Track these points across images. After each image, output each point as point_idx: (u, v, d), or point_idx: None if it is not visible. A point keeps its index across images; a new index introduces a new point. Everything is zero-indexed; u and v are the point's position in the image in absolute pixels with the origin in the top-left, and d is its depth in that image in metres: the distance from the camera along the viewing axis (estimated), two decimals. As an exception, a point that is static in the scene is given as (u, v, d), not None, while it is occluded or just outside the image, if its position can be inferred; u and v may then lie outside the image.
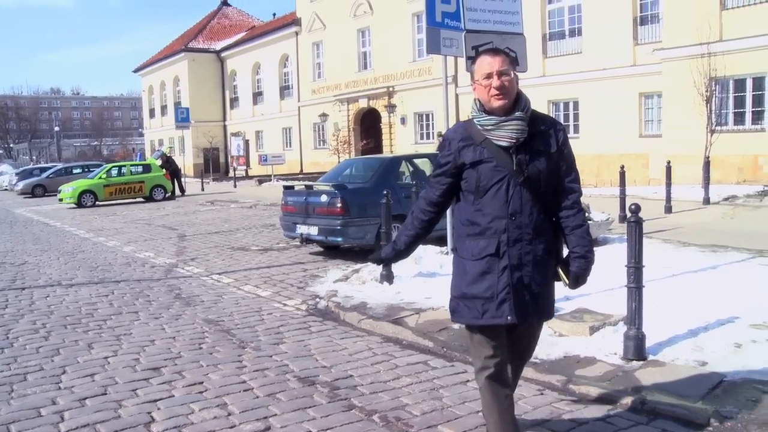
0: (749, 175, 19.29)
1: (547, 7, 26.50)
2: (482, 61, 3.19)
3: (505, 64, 3.14)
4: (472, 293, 3.19)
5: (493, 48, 3.27)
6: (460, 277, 3.27)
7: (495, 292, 3.15)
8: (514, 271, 3.15)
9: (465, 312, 3.24)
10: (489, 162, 3.15)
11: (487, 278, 3.16)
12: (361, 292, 7.76)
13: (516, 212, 3.14)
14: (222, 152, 50.42)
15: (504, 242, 3.14)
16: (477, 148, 3.18)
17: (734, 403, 4.12)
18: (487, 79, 3.13)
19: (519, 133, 3.13)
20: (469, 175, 3.20)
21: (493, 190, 3.15)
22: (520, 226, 3.14)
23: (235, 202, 24.06)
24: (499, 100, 3.12)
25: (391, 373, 5.19)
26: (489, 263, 3.16)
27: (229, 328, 6.70)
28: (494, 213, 3.15)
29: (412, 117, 33.35)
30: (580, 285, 3.31)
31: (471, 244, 3.21)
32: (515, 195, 3.13)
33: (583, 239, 3.24)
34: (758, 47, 18.79)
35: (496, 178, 3.14)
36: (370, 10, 35.46)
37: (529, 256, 3.17)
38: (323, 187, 10.91)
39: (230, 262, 10.95)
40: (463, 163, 3.20)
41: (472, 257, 3.20)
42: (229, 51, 49.72)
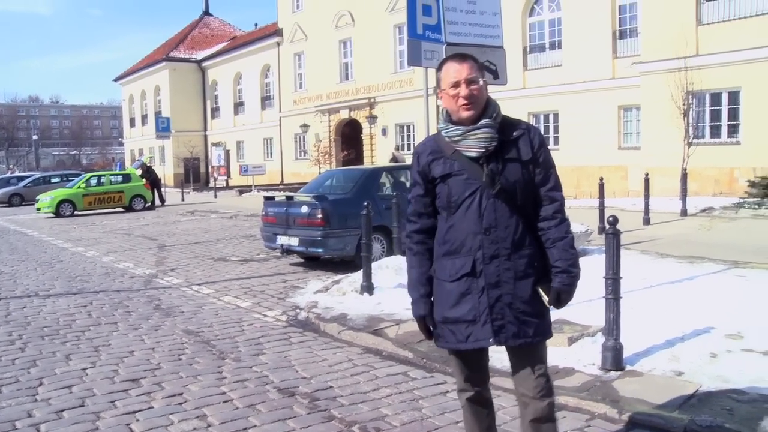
0: (725, 188, 19.54)
1: (528, 20, 26.75)
2: (448, 68, 2.97)
3: (474, 71, 2.93)
4: (454, 317, 2.96)
5: (459, 54, 3.05)
6: (440, 300, 3.02)
7: (477, 314, 2.92)
8: (492, 290, 2.91)
9: (449, 337, 3.01)
10: (459, 175, 2.94)
11: (468, 300, 2.93)
12: (341, 303, 7.76)
13: (491, 226, 2.91)
14: (203, 162, 50.26)
15: (480, 260, 2.92)
16: (447, 161, 2.97)
17: (709, 413, 4.16)
18: (454, 88, 2.92)
19: (487, 141, 2.91)
20: (440, 189, 2.99)
21: (465, 204, 2.93)
22: (496, 241, 2.91)
23: (216, 212, 23.98)
24: (468, 110, 2.92)
25: (371, 384, 5.20)
26: (468, 283, 2.93)
27: (209, 339, 6.68)
28: (468, 229, 2.93)
29: (393, 128, 33.45)
30: (563, 303, 3.01)
31: (447, 264, 2.98)
32: (489, 208, 2.91)
33: (566, 252, 2.97)
34: (733, 62, 19.11)
35: (468, 191, 2.92)
36: (352, 21, 35.59)
37: (509, 273, 2.92)
38: (304, 198, 10.92)
39: (210, 272, 10.91)
40: (434, 177, 3.00)
41: (450, 278, 2.97)
42: (211, 61, 49.67)
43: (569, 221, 3.04)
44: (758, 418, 4.07)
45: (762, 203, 16.75)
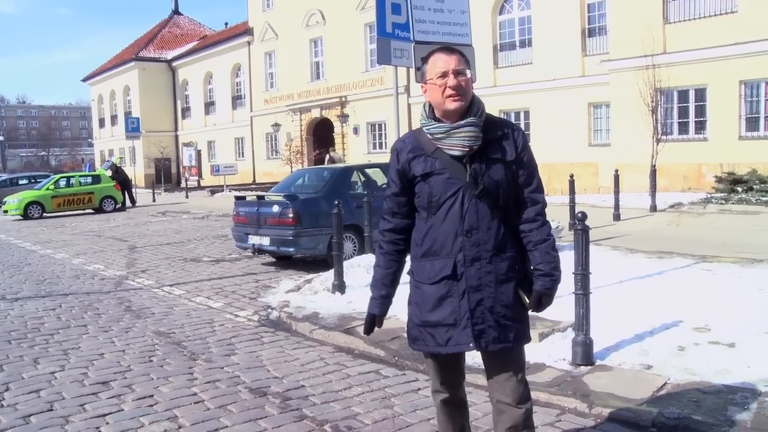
0: (693, 183, 19.82)
1: (498, 18, 26.88)
2: (436, 59, 2.87)
3: (462, 63, 2.83)
4: (434, 320, 2.88)
5: (447, 47, 2.97)
6: (419, 302, 2.93)
7: (458, 318, 2.84)
8: (473, 294, 2.83)
9: (428, 340, 2.92)
10: (441, 174, 2.84)
11: (448, 303, 2.85)
12: (313, 302, 7.75)
13: (472, 228, 2.82)
14: (174, 162, 49.85)
15: (461, 262, 2.83)
16: (428, 159, 2.86)
17: (677, 405, 4.23)
18: (441, 78, 2.81)
19: (472, 140, 2.81)
20: (420, 189, 2.89)
21: (446, 204, 2.83)
22: (478, 243, 2.83)
23: (187, 212, 23.80)
24: (455, 101, 2.81)
25: (343, 382, 5.20)
26: (447, 286, 2.85)
27: (180, 340, 6.64)
28: (449, 230, 2.84)
29: (364, 127, 33.44)
30: (544, 307, 2.96)
31: (426, 266, 2.90)
32: (471, 209, 2.82)
33: (548, 255, 2.89)
34: (699, 60, 19.40)
35: (450, 191, 2.83)
36: (322, 20, 35.50)
37: (491, 276, 2.84)
38: (275, 198, 10.89)
39: (182, 273, 10.84)
40: (414, 175, 2.89)
41: (429, 280, 2.88)
42: (181, 60, 49.25)
43: (550, 224, 2.99)
44: (723, 409, 4.14)
45: (728, 198, 17.03)
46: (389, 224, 3.03)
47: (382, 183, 11.78)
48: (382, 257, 3.05)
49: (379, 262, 3.07)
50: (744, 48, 18.66)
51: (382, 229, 3.06)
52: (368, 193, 9.85)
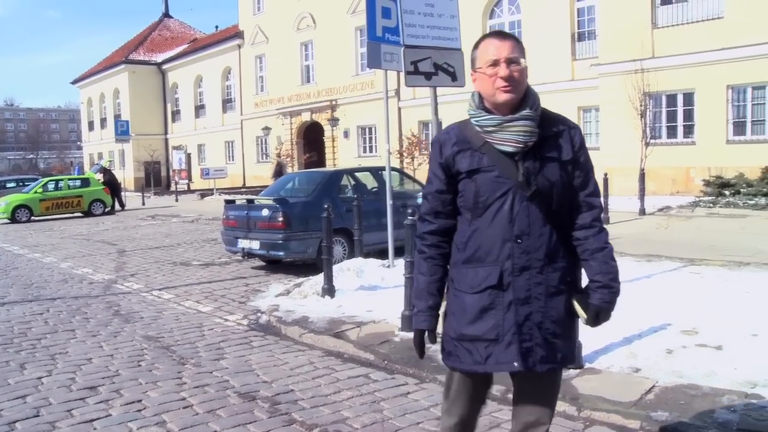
0: (682, 187, 19.94)
1: (488, 22, 26.99)
2: (487, 45, 2.59)
3: (515, 51, 2.56)
4: (473, 334, 2.58)
5: (500, 31, 2.68)
6: (457, 313, 2.64)
7: (501, 333, 2.55)
8: (521, 306, 2.55)
9: (465, 357, 2.62)
10: (489, 171, 2.55)
11: (491, 315, 2.56)
12: (302, 306, 7.74)
13: (523, 233, 2.54)
14: (163, 166, 49.76)
15: (508, 271, 2.55)
16: (475, 153, 2.58)
17: (665, 408, 4.24)
18: (492, 66, 2.54)
19: (527, 136, 2.54)
20: (465, 187, 2.60)
21: (494, 206, 2.55)
22: (528, 251, 2.55)
23: (177, 216, 23.72)
24: (506, 93, 2.53)
25: (332, 386, 5.19)
26: (491, 297, 2.56)
27: (169, 345, 6.61)
28: (496, 235, 2.55)
29: (355, 130, 33.47)
30: (602, 321, 2.67)
31: (469, 273, 2.60)
32: (521, 212, 2.54)
33: (606, 265, 2.63)
34: (687, 64, 19.57)
35: (499, 191, 2.54)
36: (313, 23, 35.54)
37: (540, 288, 2.56)
38: (265, 201, 10.87)
39: (171, 277, 10.80)
40: (458, 171, 2.60)
41: (471, 289, 2.59)
42: (171, 63, 49.23)
43: (607, 231, 2.71)
44: (711, 411, 4.16)
45: (716, 202, 17.13)
46: (432, 226, 2.71)
47: (372, 187, 11.80)
48: (425, 263, 2.72)
49: (422, 269, 2.73)
50: (731, 53, 18.85)
51: (422, 232, 2.74)
52: (358, 197, 9.86)
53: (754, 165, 18.16)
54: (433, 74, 6.21)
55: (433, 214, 2.71)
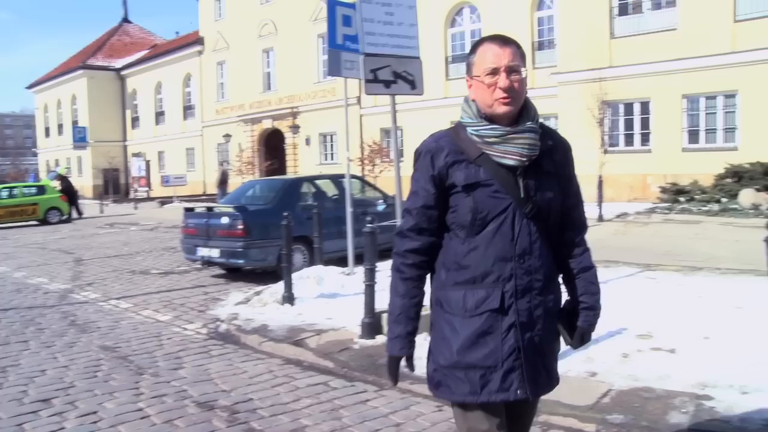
0: (639, 194, 20.31)
1: (450, 31, 27.24)
2: (485, 51, 2.39)
3: (516, 59, 2.37)
4: (467, 361, 2.37)
5: (500, 36, 2.45)
6: (448, 339, 2.42)
7: (499, 359, 2.36)
8: (525, 331, 2.37)
9: (458, 386, 2.41)
10: (487, 185, 2.35)
11: (488, 341, 2.36)
12: (262, 314, 7.71)
13: (525, 253, 2.37)
14: (122, 173, 49.08)
15: (510, 293, 2.36)
16: (470, 166, 2.37)
17: (620, 411, 4.32)
18: (491, 75, 2.35)
19: (531, 149, 2.37)
20: (459, 202, 2.38)
21: (494, 223, 2.35)
22: (530, 272, 2.38)
23: (136, 224, 23.44)
24: (506, 105, 2.35)
25: (291, 395, 5.18)
26: (490, 321, 2.36)
27: (127, 355, 6.53)
28: (496, 254, 2.35)
29: (316, 138, 33.44)
30: (585, 343, 2.60)
31: (467, 296, 2.38)
32: (523, 230, 2.37)
33: (593, 285, 2.56)
34: (644, 74, 20.00)
35: (499, 207, 2.35)
36: (274, 30, 35.44)
37: (540, 311, 2.41)
38: (224, 209, 10.81)
39: (129, 286, 10.67)
40: (453, 185, 2.38)
41: (466, 313, 2.37)
42: (130, 69, 48.67)
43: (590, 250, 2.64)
44: (664, 413, 4.26)
45: (672, 208, 17.48)
46: (414, 243, 2.46)
47: (333, 194, 11.80)
48: (403, 284, 2.48)
49: (399, 290, 2.49)
50: (684, 63, 19.35)
51: (403, 250, 2.48)
52: (318, 205, 9.86)
53: (707, 172, 18.59)
54: (393, 82, 6.25)
55: (416, 231, 2.46)
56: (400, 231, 2.51)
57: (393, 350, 2.49)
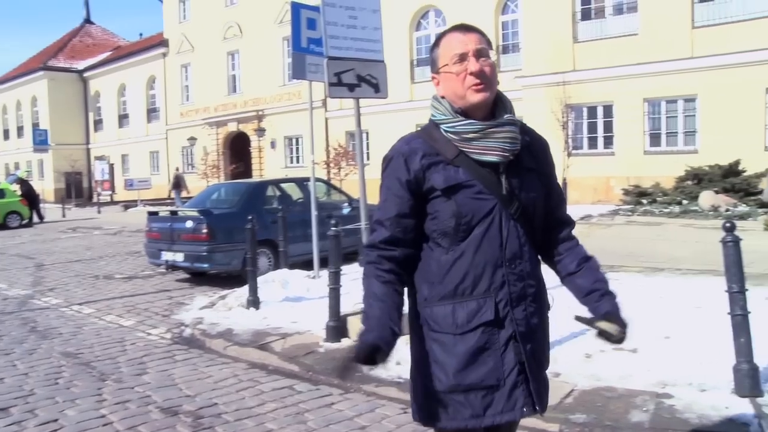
0: (603, 196, 20.58)
1: (415, 34, 27.35)
2: (450, 39, 2.24)
3: (482, 43, 2.22)
4: (467, 383, 2.13)
5: (463, 24, 2.31)
6: (441, 361, 2.16)
7: (502, 376, 2.13)
8: (525, 342, 2.17)
9: (458, 411, 2.17)
10: (469, 186, 2.14)
11: (487, 358, 2.13)
12: (227, 318, 7.67)
13: (515, 257, 2.18)
14: (85, 177, 48.36)
15: (504, 302, 2.15)
16: (448, 167, 2.16)
17: (583, 410, 4.39)
18: (459, 63, 2.17)
19: (512, 144, 2.19)
20: (440, 207, 2.15)
21: (481, 227, 2.14)
22: (523, 277, 2.19)
23: (99, 228, 23.14)
24: (479, 92, 2.16)
25: (256, 399, 5.16)
26: (486, 335, 2.13)
27: (89, 361, 6.44)
28: (485, 261, 2.14)
29: (282, 141, 33.32)
30: (627, 326, 2.34)
31: (457, 310, 2.15)
32: (511, 232, 2.17)
33: (600, 272, 2.39)
34: (606, 78, 20.31)
35: (484, 209, 2.14)
36: (240, 33, 35.25)
37: (536, 318, 2.23)
38: (188, 213, 10.74)
39: (92, 291, 10.53)
40: (432, 189, 2.16)
41: (457, 329, 2.14)
42: (93, 71, 47.98)
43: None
44: (625, 412, 4.33)
45: (635, 210, 17.73)
46: (391, 252, 2.21)
47: (298, 197, 11.78)
48: (384, 287, 2.19)
49: (378, 294, 2.19)
50: (646, 68, 19.69)
51: (377, 256, 2.22)
52: (283, 208, 9.83)
53: (669, 175, 18.91)
54: (356, 86, 6.27)
55: (392, 243, 2.21)
56: (372, 244, 2.24)
57: (377, 337, 2.11)
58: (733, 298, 4.50)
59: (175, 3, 40.13)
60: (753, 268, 8.90)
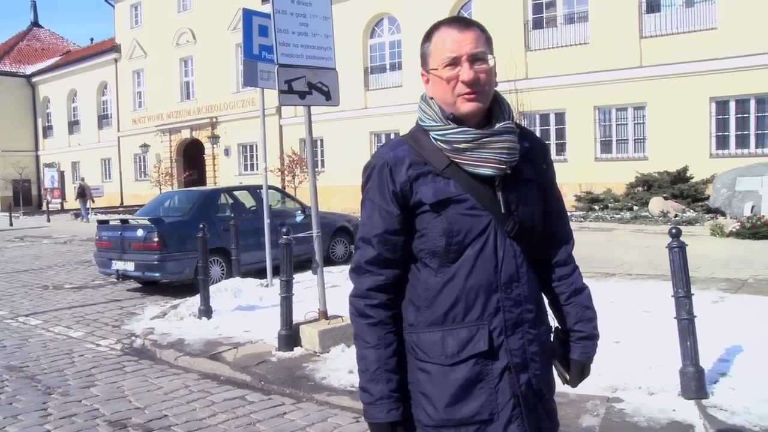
0: (555, 203, 20.86)
1: (369, 41, 27.37)
2: (443, 37, 1.93)
3: (480, 44, 1.91)
4: (458, 417, 1.91)
5: (460, 18, 2.03)
6: (428, 394, 1.94)
7: (496, 410, 1.91)
8: (520, 374, 1.93)
9: None
10: (461, 201, 1.90)
11: (480, 390, 1.91)
12: (179, 328, 7.56)
13: (512, 280, 1.93)
14: (34, 184, 47.24)
15: (498, 330, 1.91)
16: (437, 179, 1.92)
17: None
18: (450, 67, 1.89)
19: (510, 155, 1.92)
20: (428, 224, 1.92)
21: (474, 247, 1.91)
22: (519, 302, 1.94)
23: (48, 237, 22.63)
24: (471, 101, 1.90)
25: (207, 410, 5.09)
26: (478, 367, 1.91)
27: (35, 374, 6.28)
28: (479, 285, 1.91)
29: (236, 148, 33.05)
30: (584, 378, 2.20)
31: (445, 338, 1.91)
32: (507, 252, 1.93)
33: (588, 310, 2.15)
34: (558, 86, 20.66)
35: (478, 227, 1.90)
36: (193, 39, 34.88)
37: (535, 347, 1.97)
38: (140, 221, 10.57)
39: (39, 302, 10.28)
40: (419, 203, 1.91)
41: (446, 359, 1.91)
42: (42, 76, 46.91)
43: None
44: (576, 417, 4.39)
45: (587, 216, 18.03)
46: (378, 279, 1.97)
47: (251, 205, 11.69)
48: (374, 331, 1.97)
49: (368, 339, 1.97)
50: (596, 76, 20.08)
51: (365, 289, 1.98)
52: (235, 216, 9.75)
53: (620, 181, 19.29)
54: (307, 93, 6.23)
55: (379, 264, 1.97)
56: (358, 266, 2.00)
57: (379, 415, 1.93)
58: (679, 303, 4.59)
59: (127, 8, 39.57)
60: (699, 272, 9.14)
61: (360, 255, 1.99)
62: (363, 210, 2.01)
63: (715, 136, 18.87)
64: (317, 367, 5.62)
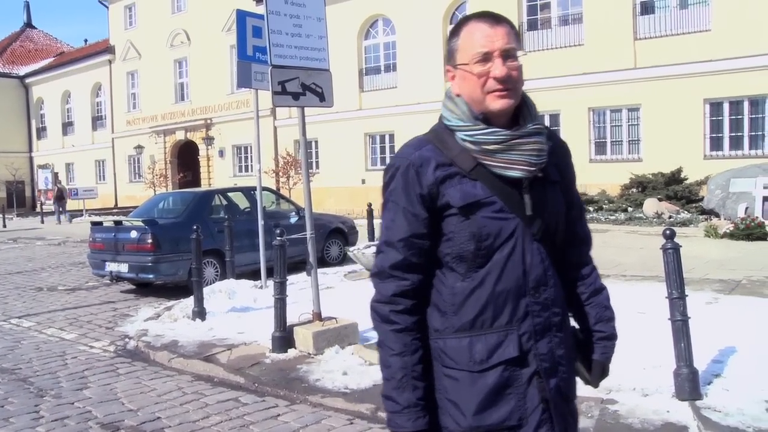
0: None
1: (364, 43, 27.37)
2: (473, 31, 1.88)
3: (512, 40, 1.86)
4: (487, 424, 1.86)
5: (489, 13, 1.93)
6: (456, 401, 1.88)
7: (524, 416, 1.87)
8: (549, 378, 1.89)
9: None
10: (489, 204, 1.85)
11: (509, 396, 1.86)
12: (172, 330, 7.54)
13: (540, 284, 1.89)
14: (28, 186, 47.12)
15: (527, 335, 1.87)
16: (464, 180, 1.86)
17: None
18: (482, 63, 1.84)
19: (539, 156, 1.89)
20: (455, 228, 1.86)
21: (503, 251, 1.87)
22: (547, 306, 1.91)
23: (42, 239, 22.56)
24: (503, 98, 1.85)
25: (201, 412, 5.07)
26: (507, 373, 1.86)
27: (27, 377, 6.25)
28: (508, 289, 1.86)
29: (230, 149, 33.01)
30: (604, 378, 2.18)
31: (473, 344, 1.87)
32: (534, 256, 1.89)
33: (607, 310, 2.12)
34: (553, 87, 20.61)
35: (506, 231, 1.86)
36: (187, 40, 34.84)
37: (562, 350, 1.93)
38: (134, 223, 10.54)
39: (33, 304, 10.24)
40: (447, 205, 1.86)
41: (476, 365, 1.86)
42: (36, 77, 46.79)
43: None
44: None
45: (581, 217, 18.02)
46: (403, 284, 1.91)
47: (245, 207, 11.67)
48: (400, 337, 1.90)
49: (393, 346, 1.90)
50: (591, 78, 20.12)
51: (390, 294, 1.91)
52: (229, 218, 9.72)
53: (614, 183, 19.32)
54: (301, 94, 6.21)
55: (404, 269, 1.90)
56: (381, 270, 1.93)
57: (405, 425, 1.87)
58: (673, 304, 4.59)
59: (121, 9, 39.49)
60: (693, 273, 9.15)
61: (383, 259, 1.93)
62: (385, 213, 1.95)
63: (709, 138, 18.90)
64: (311, 368, 5.61)
